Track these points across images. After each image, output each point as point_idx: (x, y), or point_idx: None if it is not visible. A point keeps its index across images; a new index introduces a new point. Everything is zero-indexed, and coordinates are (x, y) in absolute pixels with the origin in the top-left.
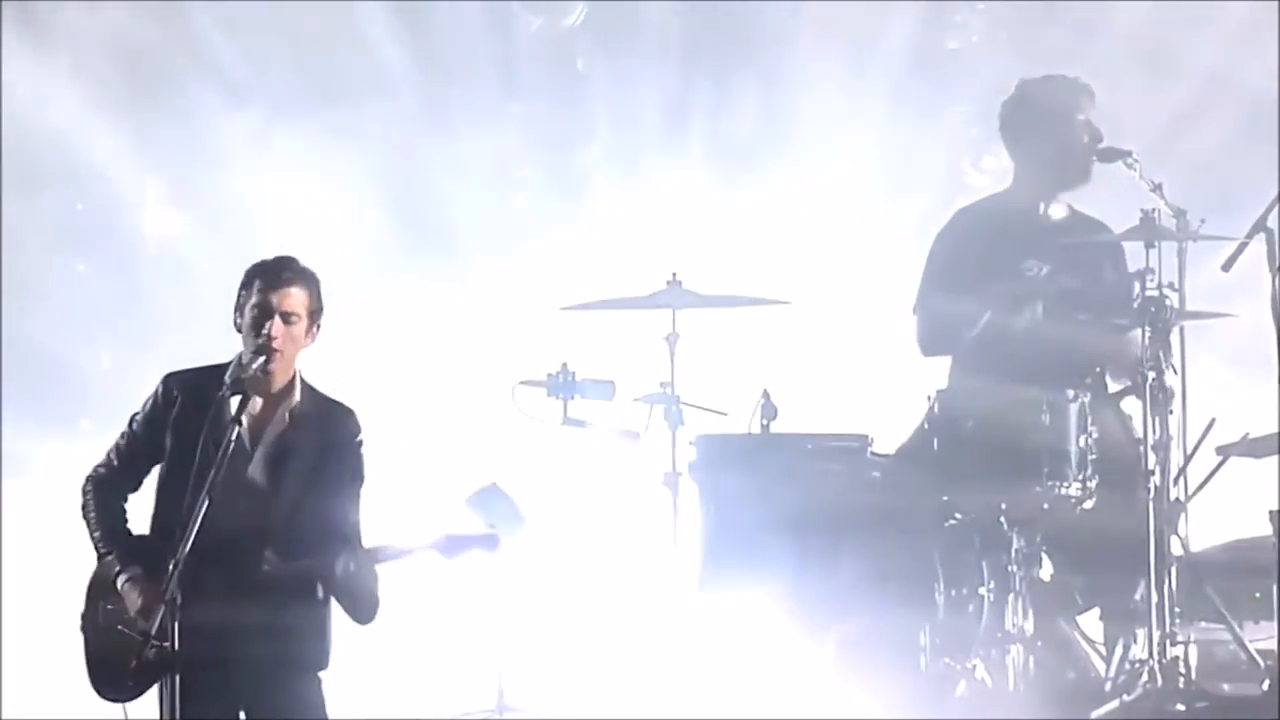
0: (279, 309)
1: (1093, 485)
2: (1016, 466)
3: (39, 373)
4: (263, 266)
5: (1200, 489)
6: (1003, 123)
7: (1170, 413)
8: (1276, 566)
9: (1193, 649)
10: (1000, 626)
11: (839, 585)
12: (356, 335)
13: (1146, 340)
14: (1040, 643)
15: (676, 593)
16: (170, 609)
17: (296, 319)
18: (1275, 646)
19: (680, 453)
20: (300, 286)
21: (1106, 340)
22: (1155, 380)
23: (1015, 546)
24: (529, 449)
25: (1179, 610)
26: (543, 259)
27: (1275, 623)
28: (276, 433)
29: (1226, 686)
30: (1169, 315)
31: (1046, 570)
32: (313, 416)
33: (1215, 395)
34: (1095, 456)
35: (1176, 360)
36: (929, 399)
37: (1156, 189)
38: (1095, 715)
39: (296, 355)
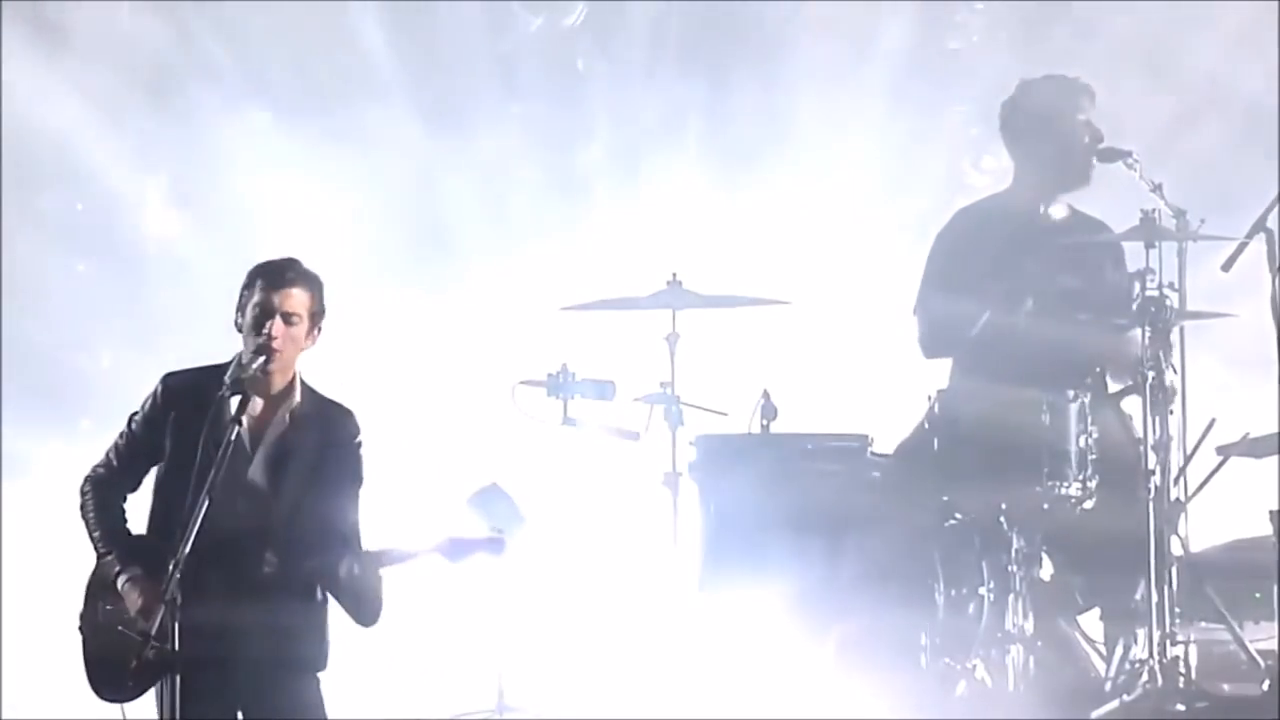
0: (280, 309)
1: (1093, 485)
2: (1016, 466)
3: (39, 373)
4: (266, 266)
5: (1200, 489)
6: (1003, 123)
7: (1170, 413)
8: (1276, 566)
9: (1193, 649)
10: (1000, 626)
11: (839, 585)
12: (357, 335)
13: (1146, 340)
14: (1040, 643)
15: (676, 593)
16: (170, 609)
17: (298, 320)
18: (1275, 646)
19: (680, 453)
20: (303, 288)
21: (1106, 340)
22: (1155, 380)
23: (1015, 546)
24: (529, 449)
25: (1179, 610)
26: (543, 259)
27: (1275, 623)
28: (277, 434)
29: (1226, 686)
30: (1169, 315)
31: (1046, 570)
32: (313, 418)
33: (1215, 395)
34: (1095, 456)
35: (1176, 360)
36: (929, 399)
37: (1156, 189)
38: (1095, 715)
39: (296, 357)
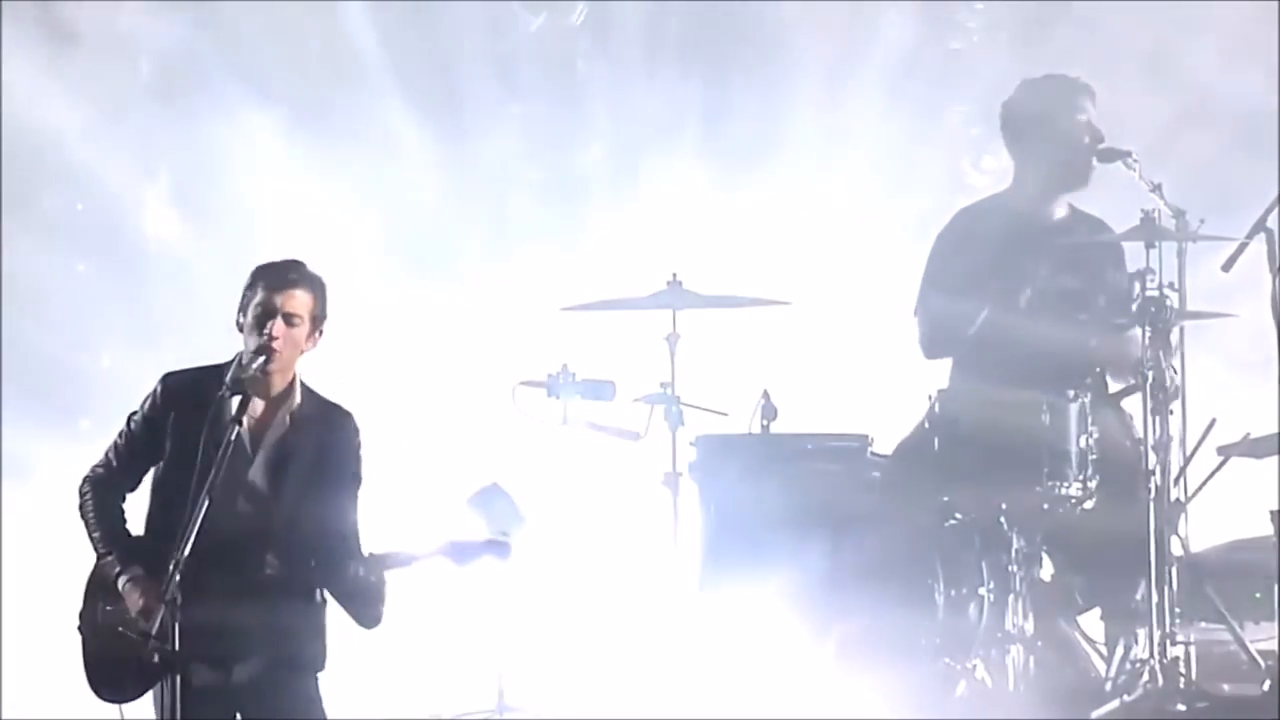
0: (282, 310)
1: (1093, 485)
2: (1017, 467)
3: (39, 373)
4: (270, 267)
5: (1200, 489)
6: (1003, 123)
7: (1170, 413)
8: (1277, 566)
9: (1193, 649)
10: (1000, 626)
11: (839, 585)
12: (357, 335)
13: (1146, 340)
14: (1040, 643)
15: (676, 593)
16: (170, 609)
17: (299, 321)
18: (1275, 646)
19: (680, 453)
20: (305, 290)
21: (1107, 340)
22: (1156, 379)
23: (1015, 546)
24: (529, 449)
25: (1179, 610)
26: (543, 259)
27: (1275, 623)
28: (277, 436)
29: (1226, 686)
30: (1169, 315)
31: (1047, 570)
32: (313, 419)
33: (1215, 395)
34: (1096, 457)
35: (1176, 360)
36: (929, 399)
37: (1156, 189)
38: (1095, 715)
39: (297, 359)
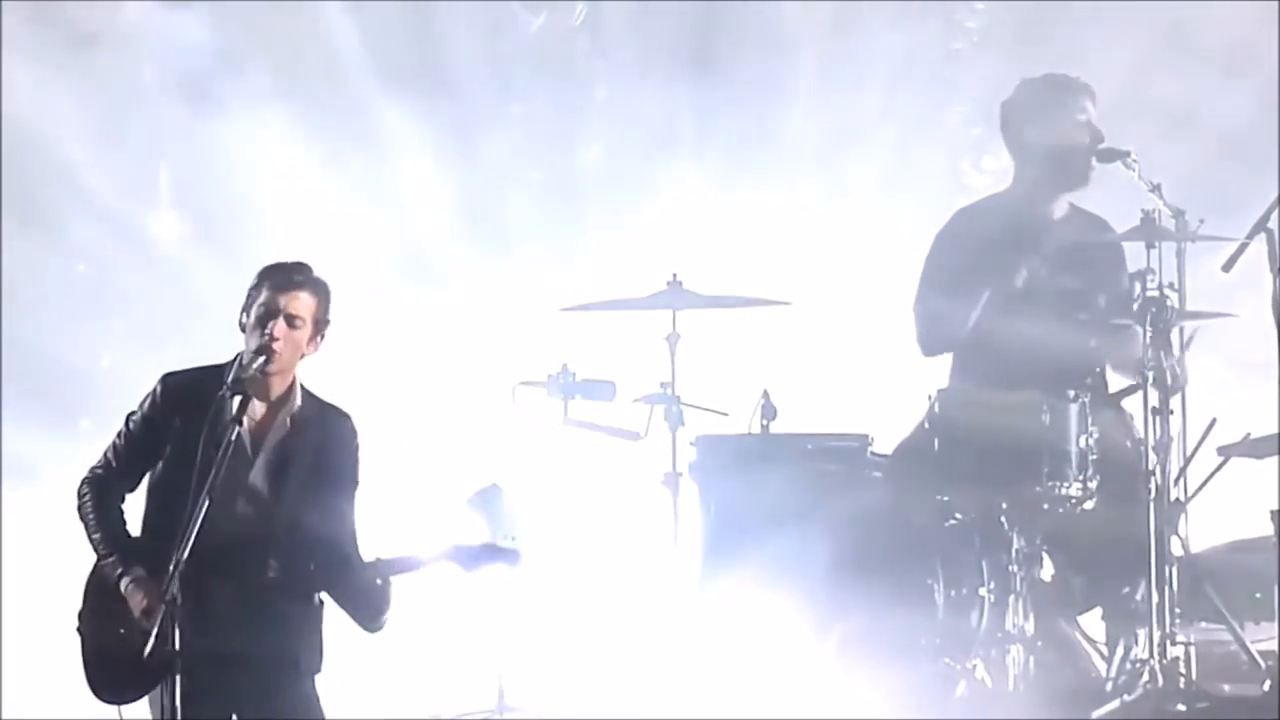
0: (285, 311)
1: (1093, 485)
2: (1017, 466)
3: (39, 373)
4: (275, 268)
5: (1201, 489)
6: (1003, 123)
7: (1171, 413)
8: (1277, 566)
9: (1193, 649)
10: (1000, 626)
11: (839, 585)
12: (357, 336)
13: (1147, 340)
14: (1040, 643)
15: (676, 593)
16: (171, 609)
17: (301, 323)
18: (1275, 646)
19: (680, 453)
20: (309, 292)
21: (1107, 340)
22: (1158, 377)
23: (1015, 546)
24: (529, 449)
25: (1179, 610)
26: (543, 259)
27: (1275, 623)
28: (277, 438)
29: (1227, 687)
30: (1169, 315)
31: (1047, 570)
32: (313, 421)
33: (1215, 395)
34: (1096, 457)
35: (1185, 358)
36: (929, 399)
37: (1155, 189)
38: (1096, 715)
39: (297, 361)
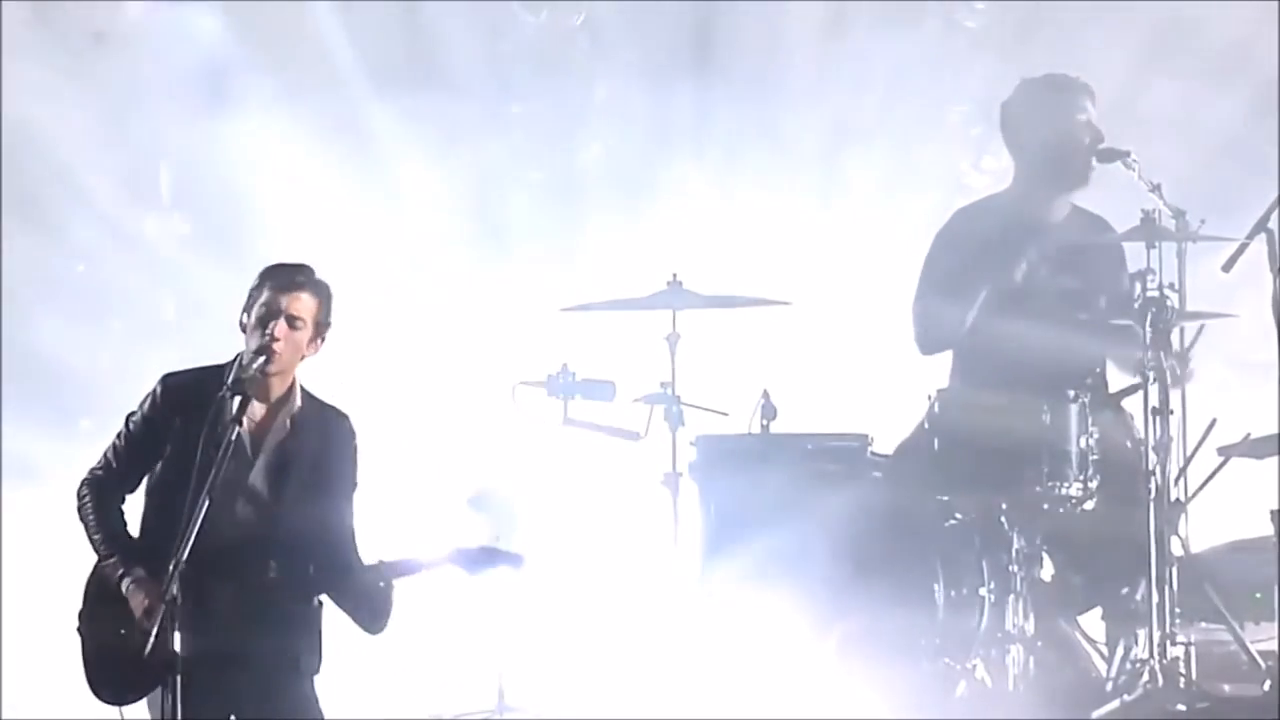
0: (286, 311)
1: (1093, 485)
2: (1017, 466)
3: (39, 373)
4: (277, 268)
5: (1201, 489)
6: (1003, 123)
7: (1171, 413)
8: (1277, 566)
9: (1193, 649)
10: (1000, 626)
11: (839, 585)
12: (357, 335)
13: (1147, 340)
14: (1040, 643)
15: (676, 593)
16: (171, 609)
17: (302, 324)
18: (1275, 646)
19: (680, 453)
20: (311, 294)
21: (1108, 340)
22: (1161, 375)
23: (1015, 546)
24: (529, 449)
25: (1179, 610)
26: (543, 259)
27: (1275, 623)
28: (277, 440)
29: (1227, 687)
30: (1169, 315)
31: (1047, 570)
32: (312, 422)
33: (1215, 395)
34: (1096, 457)
35: (1188, 357)
36: (929, 399)
37: (1155, 189)
38: (1096, 715)
39: (297, 362)
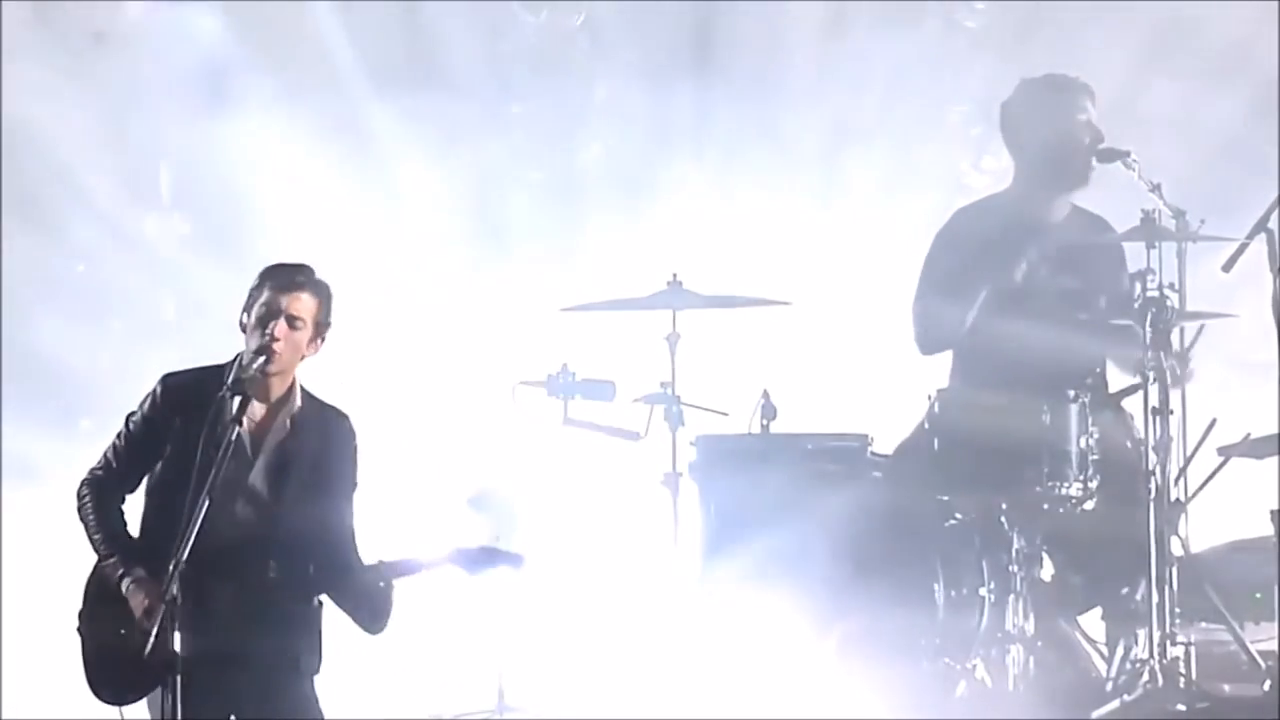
0: (286, 311)
1: (1093, 485)
2: (1017, 466)
3: (39, 373)
4: (278, 268)
5: (1201, 489)
6: (1003, 123)
7: (1171, 413)
8: (1277, 566)
9: (1193, 649)
10: (1000, 626)
11: (839, 586)
12: (357, 335)
13: (1147, 340)
14: (1040, 643)
15: (676, 593)
16: (171, 609)
17: (302, 324)
18: (1275, 646)
19: (680, 453)
20: (311, 294)
21: (1108, 340)
22: (1161, 375)
23: (1016, 546)
24: (529, 449)
25: (1179, 610)
26: (543, 259)
27: (1275, 623)
28: (277, 440)
29: (1227, 687)
30: (1169, 315)
31: (1047, 570)
32: (312, 423)
33: (1215, 395)
34: (1096, 457)
35: (1187, 357)
36: (929, 399)
37: (1155, 189)
38: (1096, 715)
39: (297, 363)
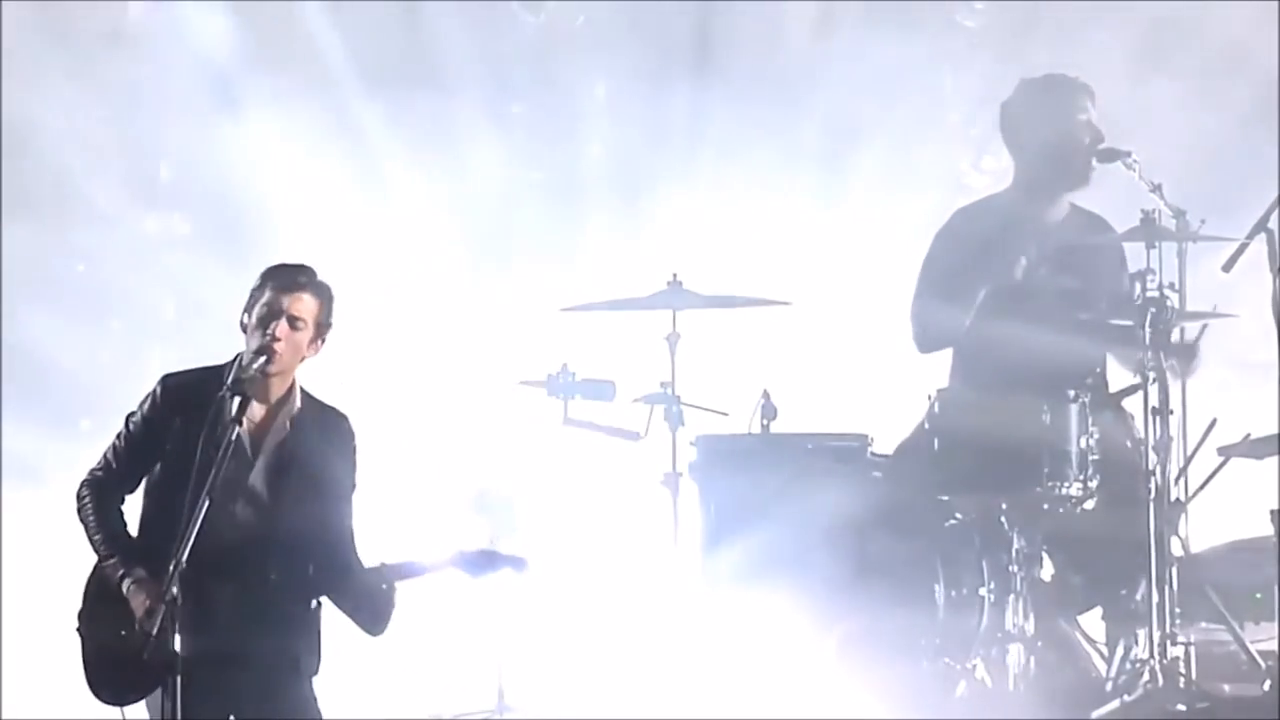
0: (287, 311)
1: (1093, 485)
2: (1017, 466)
3: (39, 373)
4: (279, 269)
5: (1201, 490)
6: (1003, 123)
7: (1171, 413)
8: (1277, 566)
9: (1193, 649)
10: (1000, 626)
11: (839, 585)
12: (356, 336)
13: (1147, 340)
14: (1040, 643)
15: (676, 593)
16: (171, 609)
17: (303, 325)
18: (1275, 646)
19: (680, 453)
20: (312, 295)
21: (1108, 340)
22: (1161, 375)
23: (1015, 546)
24: (529, 449)
25: (1179, 610)
26: (543, 259)
27: (1275, 623)
28: (277, 441)
29: (1227, 687)
30: (1169, 315)
31: (1047, 570)
32: (312, 423)
33: (1216, 395)
34: (1096, 457)
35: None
36: (929, 398)
37: (1156, 189)
38: (1096, 715)
39: (297, 363)
